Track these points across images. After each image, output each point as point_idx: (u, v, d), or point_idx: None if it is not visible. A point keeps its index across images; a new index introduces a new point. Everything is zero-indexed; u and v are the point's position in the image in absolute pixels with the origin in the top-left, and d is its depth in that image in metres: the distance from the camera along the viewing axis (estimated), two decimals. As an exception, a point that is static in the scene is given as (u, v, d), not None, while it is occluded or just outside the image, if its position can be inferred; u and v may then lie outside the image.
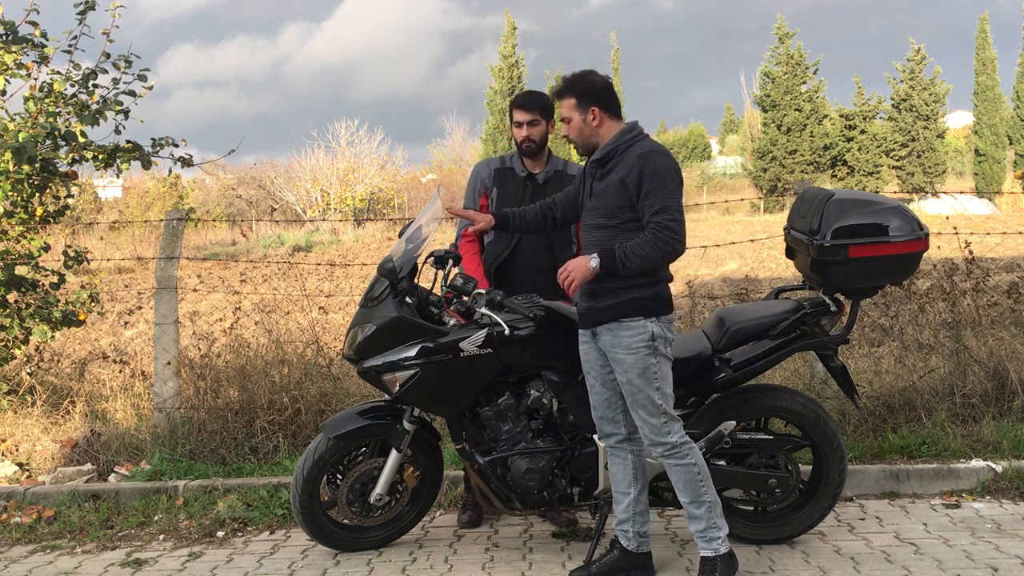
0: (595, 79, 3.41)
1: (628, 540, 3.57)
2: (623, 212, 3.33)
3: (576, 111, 3.38)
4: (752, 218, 30.28)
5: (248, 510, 4.51)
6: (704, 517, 3.41)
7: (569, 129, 3.43)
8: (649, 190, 3.25)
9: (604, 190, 3.36)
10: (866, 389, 5.30)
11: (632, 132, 3.38)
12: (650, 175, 3.25)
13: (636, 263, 3.24)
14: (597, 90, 3.39)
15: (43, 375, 6.11)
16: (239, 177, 37.64)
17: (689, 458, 3.40)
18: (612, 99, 3.41)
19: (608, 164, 3.37)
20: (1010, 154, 35.73)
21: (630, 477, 3.55)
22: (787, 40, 36.38)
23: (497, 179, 4.16)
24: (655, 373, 3.34)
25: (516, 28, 35.29)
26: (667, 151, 3.39)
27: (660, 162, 3.29)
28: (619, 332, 3.34)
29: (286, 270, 13.71)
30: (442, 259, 3.83)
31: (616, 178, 3.32)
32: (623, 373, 3.36)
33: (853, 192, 3.94)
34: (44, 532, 4.43)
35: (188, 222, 8.77)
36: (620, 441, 3.54)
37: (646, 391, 3.34)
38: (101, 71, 5.65)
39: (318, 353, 5.63)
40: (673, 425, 3.39)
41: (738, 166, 46.92)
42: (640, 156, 3.29)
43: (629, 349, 3.33)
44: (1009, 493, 4.51)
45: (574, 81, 3.40)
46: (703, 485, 3.41)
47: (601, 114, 3.37)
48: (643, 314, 3.33)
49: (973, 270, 5.77)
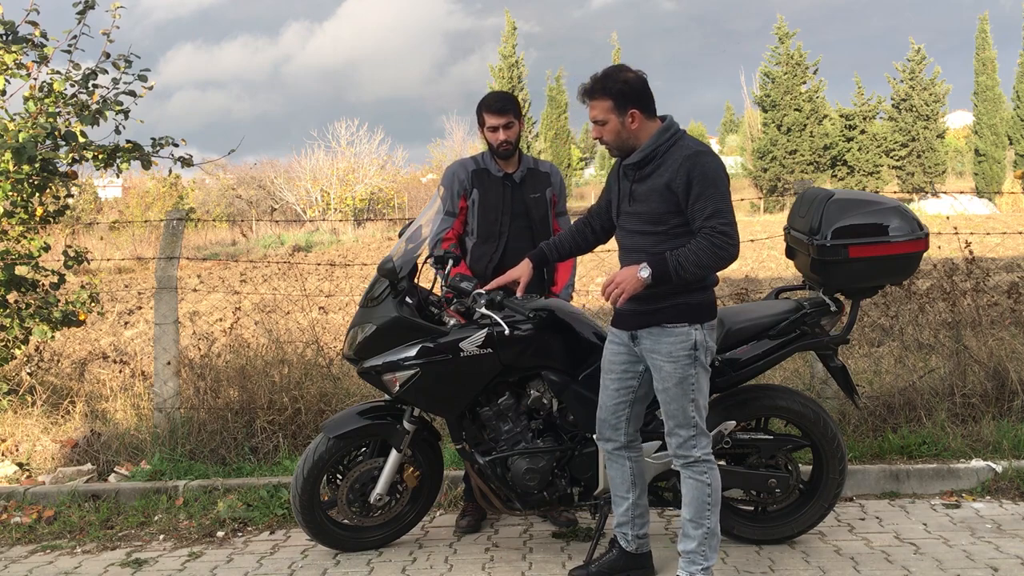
0: (630, 77, 3.18)
1: (627, 542, 3.55)
2: (670, 217, 3.17)
3: (613, 113, 3.18)
4: (752, 218, 30.27)
5: (248, 510, 4.51)
6: (697, 539, 3.33)
7: (604, 131, 3.23)
8: (700, 194, 3.09)
9: (647, 195, 3.20)
10: (866, 389, 5.30)
11: (671, 131, 3.20)
12: (699, 178, 3.09)
13: (691, 270, 3.09)
14: (635, 90, 3.17)
15: (43, 375, 6.11)
16: (239, 177, 37.62)
17: (706, 477, 3.31)
18: (649, 98, 3.21)
19: (648, 167, 3.20)
20: (1010, 154, 35.74)
21: (628, 483, 3.51)
22: (787, 40, 36.39)
23: (476, 180, 4.12)
24: (692, 384, 3.24)
25: (516, 28, 35.32)
26: (712, 150, 3.25)
27: (709, 163, 3.13)
28: (662, 338, 3.22)
29: (286, 270, 13.71)
30: (442, 259, 3.84)
31: (660, 182, 3.15)
32: (660, 381, 3.26)
33: (853, 192, 3.94)
34: (44, 532, 4.43)
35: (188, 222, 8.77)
36: (617, 448, 3.49)
37: (681, 401, 3.25)
38: (101, 71, 5.65)
39: (318, 353, 5.63)
40: (701, 440, 3.31)
41: (738, 166, 46.90)
42: (687, 158, 3.12)
43: (670, 356, 3.22)
44: (1009, 493, 4.51)
45: (609, 81, 3.17)
46: (709, 508, 3.32)
47: (640, 115, 3.18)
48: (689, 320, 3.20)
49: (973, 270, 5.76)
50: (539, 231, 4.10)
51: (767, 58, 36.96)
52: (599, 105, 3.20)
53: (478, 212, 4.11)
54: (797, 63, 36.06)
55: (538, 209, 4.13)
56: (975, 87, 35.11)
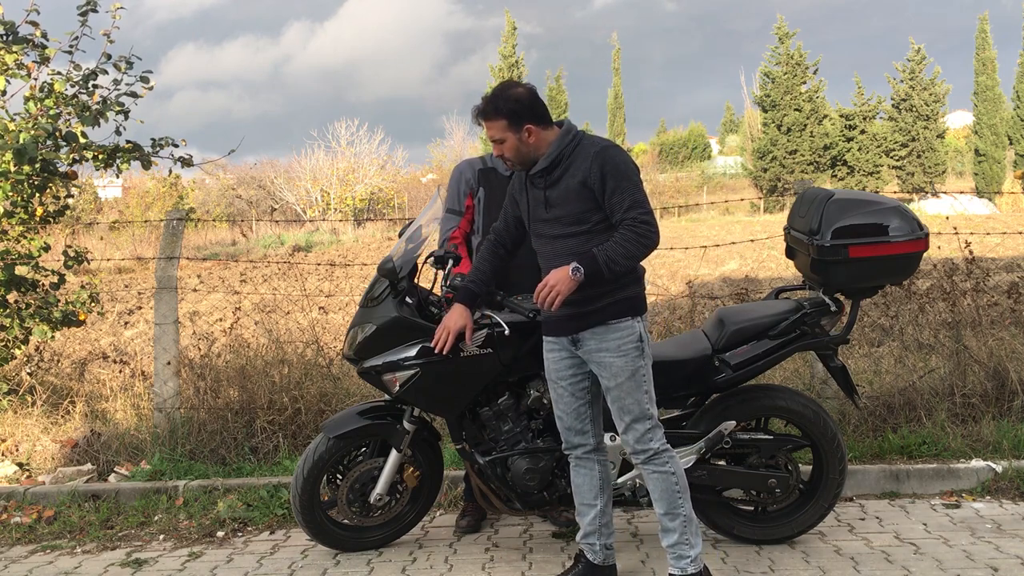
0: (519, 93, 3.24)
1: (594, 554, 3.50)
2: (591, 215, 3.20)
3: (509, 132, 3.23)
4: (752, 218, 30.29)
5: (248, 510, 4.51)
6: (677, 530, 3.31)
7: (504, 149, 3.27)
8: (615, 187, 3.14)
9: (563, 197, 3.22)
10: (866, 389, 5.30)
11: (571, 133, 3.26)
12: (612, 172, 3.15)
13: (621, 263, 3.12)
14: (525, 105, 3.22)
15: (43, 375, 6.11)
16: (239, 177, 37.65)
17: (669, 466, 3.31)
18: (541, 109, 3.26)
19: (556, 170, 3.23)
20: (1010, 154, 35.76)
21: (596, 489, 3.47)
22: (787, 40, 36.41)
23: (482, 179, 4.13)
24: (644, 375, 3.27)
25: (516, 28, 35.33)
26: (617, 144, 3.32)
27: (618, 157, 3.20)
28: (607, 335, 3.24)
29: (286, 270, 13.71)
30: (442, 259, 3.84)
31: (575, 182, 3.19)
32: (611, 378, 3.25)
33: (853, 192, 3.94)
34: (44, 532, 4.43)
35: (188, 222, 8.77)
36: (588, 452, 3.46)
37: (636, 394, 3.26)
38: (102, 72, 5.65)
39: (318, 353, 5.63)
40: (656, 432, 3.31)
41: (738, 166, 46.93)
42: (596, 155, 3.18)
43: (620, 351, 3.23)
44: (1009, 493, 4.51)
45: (499, 101, 3.22)
46: (680, 496, 3.32)
47: (535, 128, 3.23)
48: (631, 314, 3.26)
49: (973, 270, 5.77)
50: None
51: (767, 58, 37.00)
52: (494, 125, 3.24)
53: (483, 211, 4.11)
54: (797, 63, 36.08)
55: None
56: (975, 87, 35.14)
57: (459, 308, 3.52)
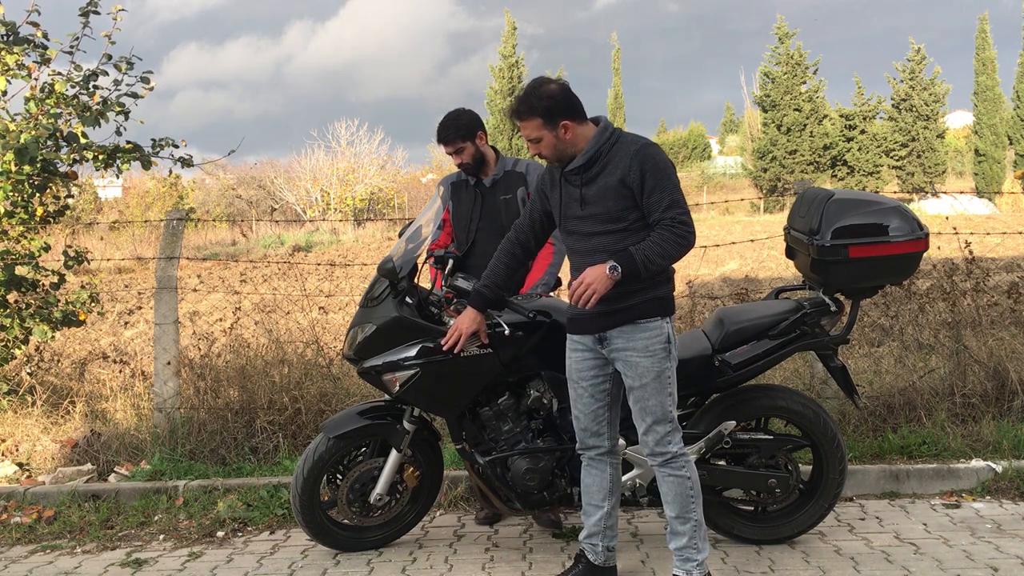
0: (552, 91, 3.19)
1: (596, 555, 3.49)
2: (629, 213, 3.18)
3: (545, 130, 3.19)
4: (752, 218, 30.29)
5: (248, 510, 4.51)
6: (687, 534, 3.32)
7: (541, 147, 3.24)
8: (654, 186, 3.13)
9: (600, 195, 3.19)
10: (866, 389, 5.30)
11: (608, 130, 3.23)
12: (652, 171, 3.13)
13: (658, 262, 3.11)
14: (560, 101, 3.18)
15: (43, 375, 6.11)
16: (239, 177, 37.64)
17: (685, 471, 3.31)
18: (576, 104, 3.22)
19: (594, 168, 3.21)
20: (1010, 154, 35.75)
21: (605, 491, 3.47)
22: (787, 40, 36.40)
23: (453, 192, 4.30)
24: (668, 377, 3.25)
25: (516, 28, 35.33)
26: (655, 143, 3.28)
27: (658, 156, 3.18)
28: (635, 334, 3.22)
29: (286, 270, 13.71)
30: (442, 259, 3.84)
31: (613, 180, 3.17)
32: (636, 378, 3.24)
33: (853, 192, 3.94)
34: (44, 532, 4.43)
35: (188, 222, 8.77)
36: (601, 454, 3.45)
37: (659, 396, 3.24)
38: (102, 72, 5.65)
39: (318, 353, 5.63)
40: (676, 435, 3.31)
41: (738, 166, 46.91)
42: (637, 152, 3.16)
43: (647, 351, 3.21)
44: (1009, 493, 4.51)
45: (533, 99, 3.18)
46: (693, 501, 3.32)
47: (572, 124, 3.20)
48: (660, 314, 3.24)
49: (973, 270, 5.77)
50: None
51: (767, 58, 36.98)
52: (530, 124, 3.21)
53: (453, 221, 4.28)
54: (797, 63, 36.07)
55: (509, 211, 4.17)
56: (975, 87, 35.12)
57: (471, 312, 3.51)
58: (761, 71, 37.32)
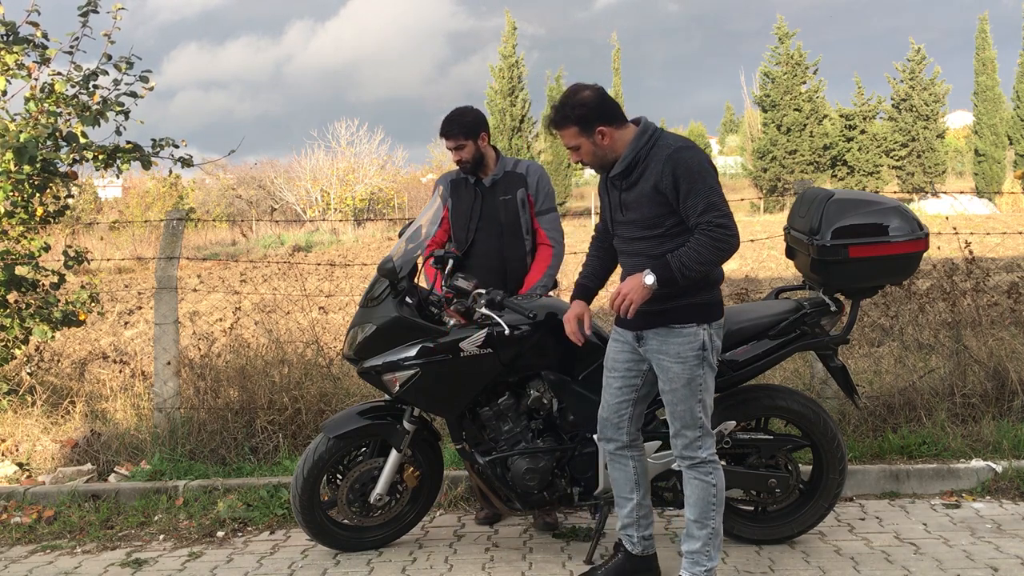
0: (587, 98, 3.16)
1: (632, 544, 3.52)
2: (665, 219, 3.14)
3: (582, 137, 3.17)
4: (752, 218, 30.26)
5: (248, 510, 4.51)
6: (701, 539, 3.32)
7: (581, 155, 3.22)
8: (689, 190, 3.06)
9: (637, 201, 3.17)
10: (866, 389, 5.30)
11: (647, 133, 3.17)
12: (685, 175, 3.06)
13: (695, 268, 3.06)
14: (594, 108, 3.15)
15: (43, 375, 6.11)
16: (239, 177, 37.60)
17: (712, 477, 3.30)
18: (612, 108, 3.19)
19: (633, 173, 3.17)
20: (1010, 154, 35.71)
21: (632, 483, 3.48)
22: (787, 40, 36.38)
23: (452, 190, 4.28)
24: (700, 385, 3.23)
25: (516, 28, 35.30)
26: (692, 143, 3.20)
27: (691, 158, 3.10)
28: (669, 338, 3.20)
29: (286, 270, 13.70)
30: (442, 259, 3.84)
31: (647, 186, 3.12)
32: (668, 382, 3.24)
33: (853, 192, 3.94)
34: (44, 532, 4.43)
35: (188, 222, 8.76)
36: (620, 448, 3.47)
37: (689, 402, 3.23)
38: (102, 72, 5.65)
39: (318, 353, 5.63)
40: (706, 440, 3.30)
41: (738, 166, 46.91)
42: (668, 157, 3.09)
43: (678, 358, 3.20)
44: (1009, 493, 4.51)
45: (567, 108, 3.16)
46: (714, 508, 3.31)
47: (609, 129, 3.16)
48: (697, 320, 3.19)
49: (973, 270, 5.77)
50: (509, 233, 4.16)
51: (767, 58, 36.95)
52: (567, 133, 3.20)
53: (452, 220, 4.25)
54: (797, 63, 36.05)
55: (507, 212, 4.17)
56: (975, 87, 35.08)
57: (577, 303, 3.50)
58: (761, 71, 37.30)
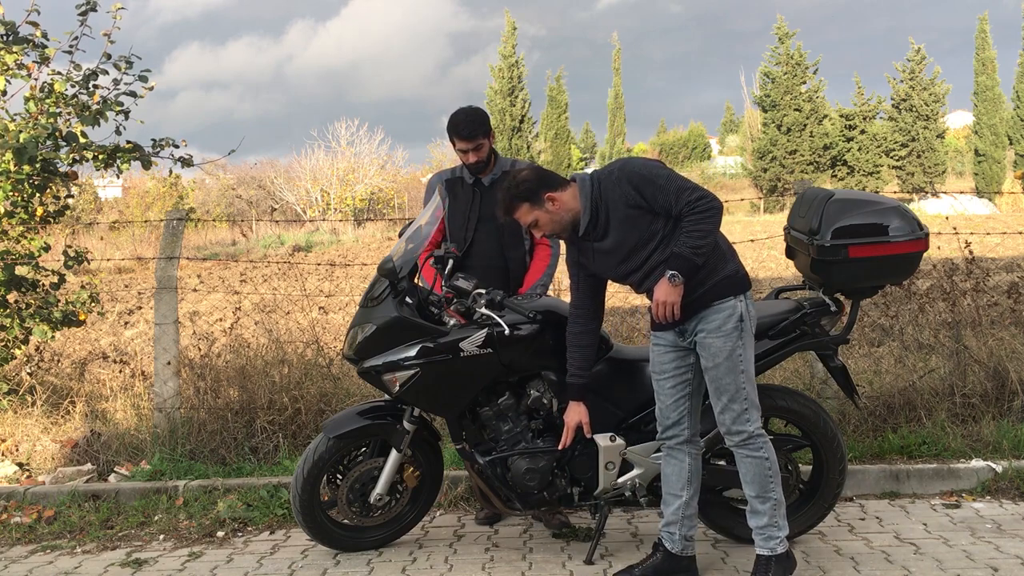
0: (526, 176, 3.36)
1: (673, 543, 3.52)
2: (653, 225, 3.28)
3: (535, 210, 3.35)
4: (752, 218, 30.26)
5: (248, 510, 4.51)
6: (767, 513, 3.38)
7: (542, 228, 3.39)
8: (653, 192, 3.23)
9: (621, 233, 3.30)
10: (866, 389, 5.30)
11: (588, 180, 3.34)
12: (641, 182, 3.24)
13: (704, 243, 3.20)
14: (536, 181, 3.34)
15: (43, 375, 6.11)
16: (239, 177, 37.60)
17: (763, 452, 3.37)
18: (551, 176, 3.39)
19: (600, 215, 3.31)
20: (1010, 154, 35.69)
21: (684, 480, 3.51)
22: (787, 40, 36.37)
23: (449, 189, 4.26)
24: (740, 356, 3.31)
25: (516, 28, 35.29)
26: (625, 157, 3.44)
27: (635, 167, 3.30)
28: (708, 316, 3.30)
29: (286, 270, 13.68)
30: (442, 259, 3.84)
31: (620, 214, 3.28)
32: (710, 358, 3.31)
33: (853, 192, 3.94)
34: (44, 532, 4.43)
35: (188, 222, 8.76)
36: (680, 443, 3.50)
37: (733, 375, 3.31)
38: (102, 72, 5.65)
39: (318, 353, 5.63)
40: (753, 413, 3.36)
41: (738, 166, 46.90)
42: (618, 179, 3.28)
43: (719, 331, 3.29)
44: (1009, 493, 4.51)
45: (513, 191, 3.35)
46: (772, 481, 3.38)
47: (555, 194, 3.32)
48: (733, 292, 3.31)
49: (973, 270, 5.77)
50: (508, 233, 4.14)
51: (767, 58, 36.95)
52: (521, 212, 3.37)
53: (449, 219, 4.23)
54: (797, 63, 36.04)
55: None
56: (975, 87, 35.06)
57: (575, 406, 3.63)
58: (761, 71, 37.30)
